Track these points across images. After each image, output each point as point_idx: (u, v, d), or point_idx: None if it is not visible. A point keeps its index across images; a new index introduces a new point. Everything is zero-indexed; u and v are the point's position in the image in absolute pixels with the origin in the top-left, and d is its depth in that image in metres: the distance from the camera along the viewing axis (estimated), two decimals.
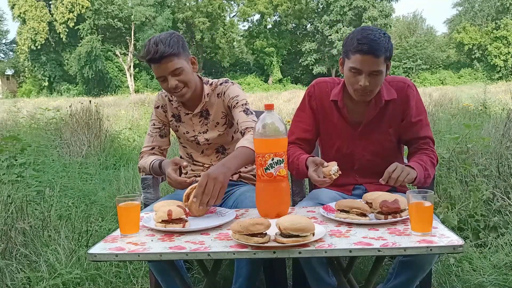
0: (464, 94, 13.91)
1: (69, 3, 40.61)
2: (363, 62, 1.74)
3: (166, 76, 1.92)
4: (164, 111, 2.17)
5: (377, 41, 1.71)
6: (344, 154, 1.96)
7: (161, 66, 1.89)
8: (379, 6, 41.23)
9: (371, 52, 1.71)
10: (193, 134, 2.13)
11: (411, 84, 1.95)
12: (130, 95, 27.75)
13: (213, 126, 2.11)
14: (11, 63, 47.41)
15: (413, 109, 1.92)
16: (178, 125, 2.16)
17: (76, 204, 3.57)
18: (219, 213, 1.67)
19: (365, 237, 1.35)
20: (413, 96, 1.93)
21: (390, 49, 1.76)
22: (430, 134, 1.96)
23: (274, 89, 36.80)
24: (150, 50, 1.87)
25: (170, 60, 1.88)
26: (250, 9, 44.40)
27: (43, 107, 8.80)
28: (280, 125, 1.54)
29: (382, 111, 1.91)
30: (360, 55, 1.73)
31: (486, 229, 2.72)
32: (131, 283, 2.39)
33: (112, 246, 1.37)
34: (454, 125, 6.50)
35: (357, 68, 1.76)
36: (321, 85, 2.00)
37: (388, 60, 1.78)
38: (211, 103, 2.10)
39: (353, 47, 1.74)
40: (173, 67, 1.90)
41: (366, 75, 1.76)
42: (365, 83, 1.76)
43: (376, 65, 1.73)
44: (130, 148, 6.56)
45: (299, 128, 2.00)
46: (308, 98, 2.00)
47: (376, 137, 1.94)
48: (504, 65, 42.45)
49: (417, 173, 1.76)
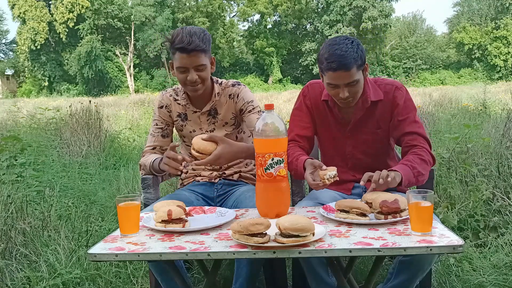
0: (464, 94, 13.90)
1: (69, 3, 40.59)
2: (336, 78, 1.79)
3: (189, 68, 1.94)
4: (169, 111, 2.17)
5: (345, 55, 1.75)
6: (338, 152, 2.02)
7: (190, 58, 1.92)
8: (379, 6, 41.18)
9: (340, 67, 1.75)
10: (199, 132, 2.13)
11: (399, 86, 1.97)
12: (130, 95, 27.75)
13: (220, 126, 2.13)
14: (11, 63, 47.38)
15: (401, 108, 1.94)
16: (184, 124, 2.16)
17: (76, 204, 3.57)
18: (219, 213, 1.67)
19: (365, 237, 1.35)
20: (401, 97, 1.95)
21: (361, 55, 1.79)
22: (419, 131, 1.92)
23: (274, 89, 36.78)
24: (183, 40, 1.89)
25: (199, 55, 1.92)
26: (250, 9, 44.37)
27: (43, 107, 8.79)
28: (280, 125, 1.54)
29: (369, 111, 1.95)
30: (332, 72, 1.77)
31: (486, 229, 2.72)
32: (131, 283, 2.39)
33: (112, 246, 1.37)
34: (454, 125, 6.51)
35: (333, 84, 1.81)
36: (314, 85, 2.05)
37: (361, 66, 1.81)
38: (221, 103, 2.12)
39: (324, 66, 1.79)
40: (199, 62, 1.94)
41: (343, 87, 1.81)
42: (344, 94, 1.82)
43: (349, 77, 1.78)
44: (130, 148, 6.56)
45: (298, 126, 2.03)
46: (303, 98, 2.06)
47: (365, 137, 1.98)
48: (504, 65, 42.42)
49: (402, 174, 1.71)
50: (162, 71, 42.15)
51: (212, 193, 2.14)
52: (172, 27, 42.20)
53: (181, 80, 2.00)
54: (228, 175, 2.17)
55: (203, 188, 2.15)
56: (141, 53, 42.99)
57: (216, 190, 2.15)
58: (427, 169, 1.86)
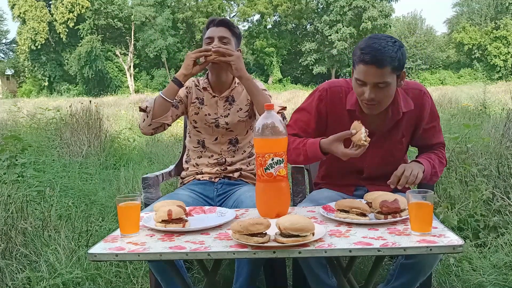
0: (464, 94, 13.91)
1: (69, 3, 40.61)
2: (366, 73, 1.64)
3: (214, 38, 2.12)
4: (188, 92, 2.25)
5: (382, 50, 1.60)
6: (353, 161, 1.79)
7: (216, 29, 2.13)
8: (379, 6, 41.17)
9: (373, 62, 1.61)
10: (214, 117, 2.20)
11: (425, 91, 1.87)
12: (130, 95, 27.77)
13: (235, 111, 2.20)
14: (11, 63, 47.39)
15: (427, 116, 1.87)
16: (200, 107, 2.22)
17: (76, 204, 3.57)
18: (219, 213, 1.67)
19: (365, 237, 1.35)
20: (428, 104, 1.86)
21: (401, 58, 1.64)
22: (442, 140, 1.94)
23: (274, 89, 36.75)
24: (217, 17, 2.19)
25: (224, 29, 2.13)
26: (250, 9, 44.37)
27: (43, 107, 8.79)
28: (280, 125, 1.54)
29: (398, 122, 1.83)
30: (363, 65, 1.64)
31: (486, 229, 2.72)
32: (131, 283, 2.39)
33: (112, 246, 1.37)
34: (454, 125, 6.51)
35: (361, 80, 1.67)
36: (335, 89, 1.87)
37: (397, 70, 1.65)
38: (238, 91, 2.23)
39: (357, 56, 1.66)
40: (223, 34, 2.12)
41: (371, 87, 1.66)
42: (370, 95, 1.67)
43: (380, 76, 1.63)
44: (130, 148, 6.57)
45: (299, 127, 1.91)
46: (317, 102, 1.88)
47: (388, 147, 1.87)
48: (504, 65, 42.43)
49: (425, 169, 1.74)
50: (162, 71, 42.15)
51: (212, 192, 2.15)
52: (172, 27, 42.23)
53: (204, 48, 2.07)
54: (229, 172, 2.18)
55: (203, 188, 2.15)
56: (141, 53, 43.00)
57: (216, 189, 2.15)
58: (441, 172, 1.88)
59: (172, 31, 42.51)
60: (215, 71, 2.18)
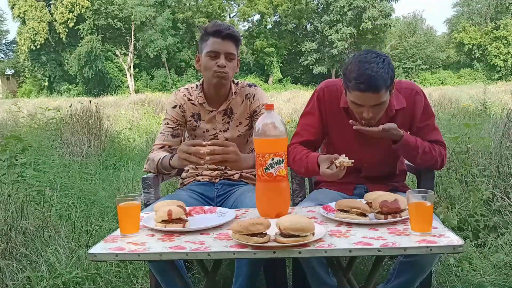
0: (464, 94, 13.90)
1: (69, 3, 40.60)
2: (363, 99, 1.70)
3: (220, 54, 1.99)
4: (182, 111, 2.16)
5: (375, 77, 1.64)
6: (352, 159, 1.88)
7: (223, 43, 1.99)
8: (379, 6, 41.17)
9: (369, 89, 1.66)
10: (213, 132, 2.14)
11: (418, 90, 1.92)
12: (130, 95, 27.75)
13: (235, 126, 2.14)
14: (11, 63, 47.40)
15: (420, 115, 1.91)
16: (197, 124, 2.16)
17: (76, 204, 3.57)
18: (219, 213, 1.67)
19: (365, 237, 1.35)
20: (421, 103, 1.91)
21: (391, 75, 1.70)
22: (439, 138, 1.94)
23: (274, 89, 36.77)
24: (222, 25, 2.00)
25: (231, 44, 2.01)
26: (250, 9, 44.38)
27: (43, 107, 8.79)
28: (280, 125, 1.54)
29: (391, 120, 1.87)
30: (359, 92, 1.68)
31: (486, 229, 2.72)
32: (131, 283, 2.39)
33: (112, 246, 1.37)
34: (454, 125, 6.51)
35: (358, 103, 1.73)
36: (331, 88, 1.94)
37: (390, 86, 1.72)
38: (237, 103, 2.14)
39: (351, 85, 1.69)
40: (230, 51, 2.01)
41: (368, 108, 1.73)
42: (368, 115, 1.74)
43: (376, 99, 1.69)
44: (130, 148, 6.57)
45: (308, 132, 1.96)
46: (317, 102, 1.96)
47: (385, 146, 1.90)
48: (504, 65, 42.44)
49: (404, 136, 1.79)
50: (162, 71, 42.15)
51: (212, 193, 2.15)
52: (172, 27, 42.23)
53: (208, 66, 2.00)
54: (230, 175, 2.18)
55: (203, 188, 2.15)
56: (141, 53, 43.01)
57: (216, 190, 2.15)
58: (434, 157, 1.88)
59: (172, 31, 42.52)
60: (215, 87, 2.07)
